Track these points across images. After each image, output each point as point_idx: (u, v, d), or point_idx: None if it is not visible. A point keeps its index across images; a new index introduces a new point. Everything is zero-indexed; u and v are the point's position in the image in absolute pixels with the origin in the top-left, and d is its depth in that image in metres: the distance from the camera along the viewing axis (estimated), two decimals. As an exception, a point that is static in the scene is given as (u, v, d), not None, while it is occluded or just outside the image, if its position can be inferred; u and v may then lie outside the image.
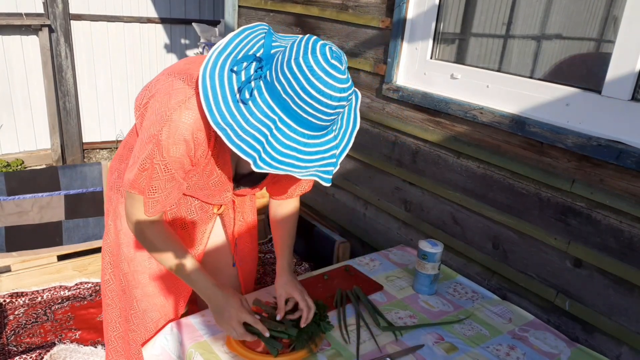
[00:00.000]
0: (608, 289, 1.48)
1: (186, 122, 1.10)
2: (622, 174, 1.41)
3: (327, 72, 0.99)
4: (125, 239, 1.42)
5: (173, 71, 1.21)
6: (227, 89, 1.04)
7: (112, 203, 1.46)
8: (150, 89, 1.23)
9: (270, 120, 1.03)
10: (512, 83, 1.71)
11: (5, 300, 2.31)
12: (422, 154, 2.04)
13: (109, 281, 1.51)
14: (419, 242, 1.64)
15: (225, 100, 1.03)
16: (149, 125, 1.14)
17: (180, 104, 1.10)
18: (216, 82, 1.04)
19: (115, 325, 1.54)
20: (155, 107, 1.14)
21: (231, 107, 1.03)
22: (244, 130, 1.02)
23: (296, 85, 1.00)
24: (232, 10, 3.25)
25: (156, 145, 1.11)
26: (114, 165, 1.47)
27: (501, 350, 1.40)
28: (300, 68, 0.99)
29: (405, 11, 2.02)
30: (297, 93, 1.00)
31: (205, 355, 1.29)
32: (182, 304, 1.52)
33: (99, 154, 4.77)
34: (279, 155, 1.03)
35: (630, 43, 1.39)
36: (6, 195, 2.28)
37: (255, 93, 1.04)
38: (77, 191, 2.43)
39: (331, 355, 1.32)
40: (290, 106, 1.02)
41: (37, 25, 3.97)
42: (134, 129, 1.42)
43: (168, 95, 1.13)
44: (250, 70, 1.06)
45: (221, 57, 1.07)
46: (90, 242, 2.53)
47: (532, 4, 1.82)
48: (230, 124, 1.01)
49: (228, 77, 1.05)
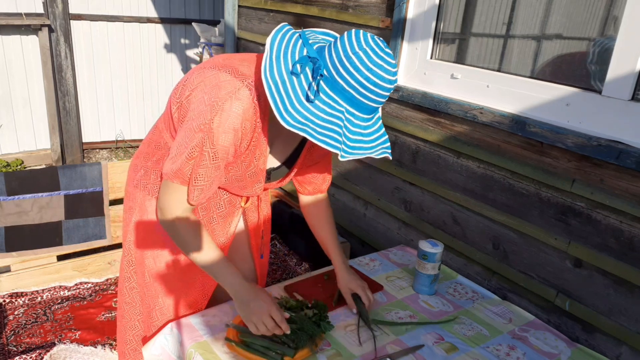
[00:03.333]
0: (608, 289, 1.48)
1: (236, 112, 1.15)
2: (622, 174, 1.41)
3: (384, 60, 1.10)
4: (153, 235, 1.43)
5: (214, 65, 1.24)
6: (291, 91, 1.11)
7: (137, 200, 1.45)
8: (188, 83, 1.25)
9: (339, 112, 1.12)
10: (512, 83, 1.71)
11: (5, 300, 2.31)
12: (422, 154, 2.04)
13: (130, 279, 1.50)
14: (419, 242, 1.64)
15: (292, 102, 1.10)
16: (197, 115, 1.17)
17: (231, 94, 1.15)
18: (279, 86, 1.11)
19: (134, 324, 1.54)
20: (203, 98, 1.18)
21: (299, 107, 1.10)
22: (321, 126, 1.10)
23: (359, 77, 1.09)
24: (232, 10, 3.25)
25: (207, 133, 1.15)
26: (138, 163, 1.46)
27: (501, 350, 1.40)
28: (360, 60, 1.08)
29: (405, 11, 2.02)
30: (361, 84, 1.09)
31: (205, 355, 1.29)
32: (205, 299, 1.54)
33: (98, 154, 4.77)
34: (352, 142, 1.13)
35: (630, 43, 1.39)
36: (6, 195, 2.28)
37: (319, 91, 1.12)
38: (77, 191, 2.43)
39: (331, 356, 1.32)
40: (354, 97, 1.11)
41: (37, 25, 3.97)
42: (159, 126, 1.43)
43: (217, 87, 1.17)
44: (307, 70, 1.13)
45: (273, 63, 1.13)
46: (90, 242, 2.53)
47: (532, 4, 1.82)
48: (306, 123, 1.09)
49: (289, 79, 1.12)
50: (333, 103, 1.12)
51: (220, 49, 3.90)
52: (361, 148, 1.15)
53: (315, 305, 1.45)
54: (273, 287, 1.64)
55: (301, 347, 1.29)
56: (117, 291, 2.48)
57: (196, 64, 4.96)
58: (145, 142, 1.48)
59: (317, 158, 1.48)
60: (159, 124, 1.43)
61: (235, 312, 1.47)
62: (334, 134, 1.10)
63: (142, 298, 1.51)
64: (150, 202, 1.41)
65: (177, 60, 4.98)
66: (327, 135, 1.09)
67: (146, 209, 1.42)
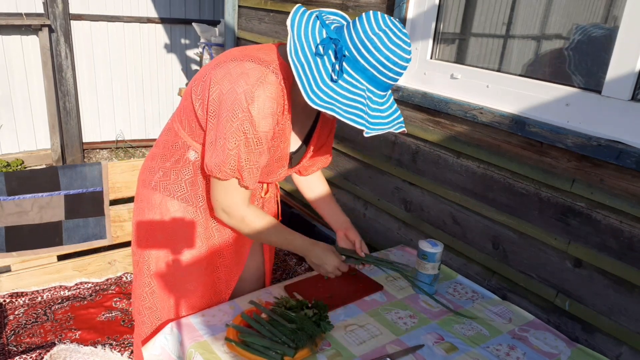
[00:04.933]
0: (608, 289, 1.48)
1: (270, 96, 1.21)
2: (622, 174, 1.41)
3: (402, 40, 1.17)
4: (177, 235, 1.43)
5: (234, 57, 1.26)
6: (316, 71, 1.16)
7: (154, 203, 1.44)
8: (210, 79, 1.26)
9: (361, 90, 1.18)
10: (512, 83, 1.71)
11: (5, 300, 2.31)
12: (422, 154, 2.04)
13: (150, 284, 1.49)
14: (419, 242, 1.64)
15: (317, 82, 1.15)
16: (232, 105, 1.20)
17: (261, 80, 1.20)
18: (305, 66, 1.15)
19: (154, 327, 1.54)
20: (234, 89, 1.20)
21: (324, 87, 1.15)
22: (346, 105, 1.15)
23: (380, 57, 1.15)
24: (232, 10, 3.25)
25: (248, 120, 1.20)
26: (154, 165, 1.45)
27: (501, 350, 1.40)
28: (381, 40, 1.15)
29: (405, 11, 2.02)
30: (382, 63, 1.16)
31: (205, 355, 1.29)
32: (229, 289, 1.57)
33: (99, 154, 4.78)
34: (372, 118, 1.19)
35: (630, 43, 1.39)
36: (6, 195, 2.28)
37: (341, 71, 1.17)
38: (77, 191, 2.43)
39: (331, 355, 1.32)
40: (375, 75, 1.17)
41: (37, 25, 3.97)
42: (173, 126, 1.42)
43: (245, 75, 1.20)
44: (331, 53, 1.18)
45: (297, 45, 1.17)
46: (90, 242, 2.53)
47: (532, 4, 1.82)
48: (332, 102, 1.14)
49: (314, 60, 1.17)
50: (355, 82, 1.17)
51: (220, 49, 3.90)
52: (380, 124, 1.21)
53: (315, 305, 1.45)
54: (273, 287, 1.64)
55: (301, 347, 1.29)
56: (117, 291, 2.48)
57: (196, 64, 4.96)
58: (159, 144, 1.48)
59: (324, 139, 1.54)
60: (173, 125, 1.43)
61: (235, 312, 1.47)
62: (359, 111, 1.16)
63: (165, 301, 1.50)
64: (172, 203, 1.42)
65: (177, 61, 4.99)
66: (353, 113, 1.15)
67: (168, 209, 1.42)
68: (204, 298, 1.52)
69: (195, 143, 1.37)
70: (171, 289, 1.48)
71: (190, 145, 1.38)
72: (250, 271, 1.68)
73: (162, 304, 1.50)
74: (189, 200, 1.42)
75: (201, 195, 1.42)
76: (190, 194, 1.41)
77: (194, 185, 1.41)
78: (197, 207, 1.43)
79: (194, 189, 1.41)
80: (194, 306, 1.50)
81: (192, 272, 1.48)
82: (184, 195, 1.41)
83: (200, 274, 1.49)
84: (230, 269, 1.55)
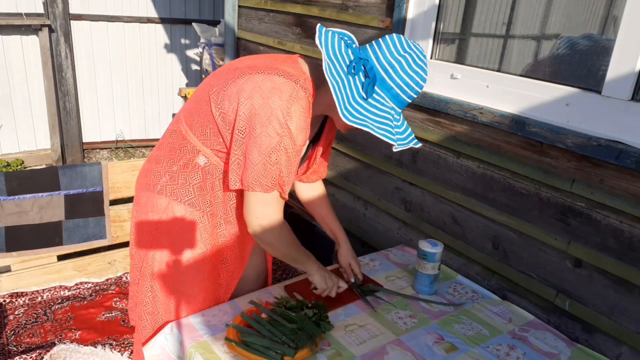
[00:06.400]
0: (608, 289, 1.48)
1: (302, 111, 1.28)
2: (622, 174, 1.41)
3: (424, 62, 1.26)
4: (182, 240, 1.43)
5: (260, 69, 1.30)
6: (348, 90, 1.23)
7: (158, 207, 1.42)
8: (237, 91, 1.28)
9: (389, 108, 1.27)
10: (512, 83, 1.71)
11: (5, 300, 2.31)
12: (422, 154, 2.04)
13: (153, 288, 1.48)
14: (419, 242, 1.64)
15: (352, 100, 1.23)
16: (267, 121, 1.24)
17: (294, 97, 1.26)
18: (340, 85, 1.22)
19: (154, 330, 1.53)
20: (268, 105, 1.24)
21: (356, 105, 1.23)
22: (377, 121, 1.23)
23: (406, 78, 1.25)
24: (232, 10, 3.25)
25: (288, 136, 1.26)
26: (159, 169, 1.43)
27: (501, 350, 1.40)
28: (407, 62, 1.24)
29: (405, 11, 2.02)
30: (407, 84, 1.25)
31: (205, 355, 1.29)
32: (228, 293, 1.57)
33: (99, 154, 4.78)
34: (397, 135, 1.27)
35: (630, 43, 1.39)
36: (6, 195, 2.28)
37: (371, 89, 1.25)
38: (77, 191, 2.43)
39: (331, 355, 1.32)
40: (399, 95, 1.27)
41: (37, 25, 3.97)
42: (179, 129, 1.41)
43: (278, 90, 1.25)
44: (361, 74, 1.26)
45: (330, 64, 1.23)
46: (90, 242, 2.53)
47: (532, 4, 1.82)
48: (365, 119, 1.22)
49: (346, 79, 1.24)
50: (382, 100, 1.26)
51: (220, 49, 3.90)
52: (404, 139, 1.29)
53: (315, 305, 1.45)
54: (273, 287, 1.65)
55: (301, 347, 1.30)
56: (117, 291, 2.48)
57: (196, 64, 4.96)
58: (163, 146, 1.45)
59: (325, 148, 1.59)
60: (179, 128, 1.41)
61: (235, 312, 1.47)
62: (388, 127, 1.24)
63: (167, 305, 1.49)
64: (178, 207, 1.41)
65: (177, 61, 4.99)
66: (383, 129, 1.23)
67: (175, 214, 1.41)
68: (204, 303, 1.51)
69: (207, 149, 1.36)
70: (173, 293, 1.47)
71: (200, 150, 1.37)
72: (252, 270, 1.68)
73: (164, 307, 1.49)
74: (196, 205, 1.41)
75: (209, 200, 1.42)
76: (198, 198, 1.41)
77: (202, 190, 1.40)
78: (204, 212, 1.42)
79: (202, 194, 1.41)
80: (195, 310, 1.50)
81: (195, 277, 1.47)
82: (192, 199, 1.40)
83: (203, 278, 1.48)
84: (231, 273, 1.55)
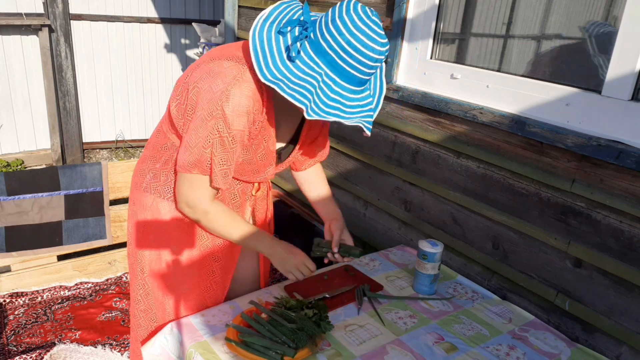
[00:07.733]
0: (608, 289, 1.48)
1: (246, 94, 1.20)
2: (622, 174, 1.41)
3: (369, 27, 1.11)
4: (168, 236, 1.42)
5: (212, 58, 1.26)
6: (275, 48, 1.15)
7: (146, 205, 1.43)
8: (190, 80, 1.26)
9: (317, 73, 1.15)
10: (512, 83, 1.71)
11: (5, 300, 2.31)
12: (422, 154, 2.04)
13: (145, 285, 1.49)
14: (419, 242, 1.64)
15: (274, 58, 1.14)
16: (207, 104, 1.20)
17: (237, 78, 1.19)
18: (265, 43, 1.15)
19: (150, 329, 1.53)
20: (210, 87, 1.20)
21: (279, 64, 1.14)
22: (294, 83, 1.13)
23: (341, 40, 1.11)
24: (232, 10, 3.25)
25: (222, 119, 1.19)
26: (144, 167, 1.44)
27: (501, 350, 1.40)
28: (345, 24, 1.11)
29: (405, 11, 2.02)
30: (342, 47, 1.12)
31: (205, 355, 1.29)
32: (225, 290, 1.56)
33: (99, 154, 4.78)
34: (325, 106, 1.15)
35: (630, 43, 1.39)
36: (6, 195, 2.28)
37: (301, 51, 1.15)
38: (77, 191, 2.43)
39: (331, 355, 1.32)
40: (335, 61, 1.14)
41: (37, 25, 3.97)
42: (162, 128, 1.42)
43: (222, 74, 1.20)
44: (295, 32, 1.17)
45: (266, 23, 1.18)
46: (90, 242, 2.53)
47: (532, 4, 1.82)
48: (281, 79, 1.12)
49: (275, 38, 1.16)
50: (313, 64, 1.15)
51: (220, 49, 3.89)
52: (335, 114, 1.16)
53: (315, 305, 1.45)
54: (273, 287, 1.64)
55: (301, 347, 1.30)
56: (117, 291, 2.49)
57: (196, 64, 4.96)
58: (149, 146, 1.47)
59: (316, 133, 1.53)
60: (162, 126, 1.43)
61: (235, 312, 1.47)
62: (305, 92, 1.13)
63: (160, 303, 1.49)
64: (162, 204, 1.41)
65: (177, 61, 4.98)
66: (297, 91, 1.12)
67: (159, 211, 1.42)
68: (198, 300, 1.50)
69: None
70: (166, 290, 1.48)
71: (178, 146, 1.37)
72: (246, 272, 1.67)
73: (157, 305, 1.50)
74: None
75: None
76: None
77: None
78: None
79: None
80: (191, 307, 1.50)
81: (185, 274, 1.47)
82: (174, 196, 1.40)
83: (194, 274, 1.48)
84: (225, 269, 1.54)
